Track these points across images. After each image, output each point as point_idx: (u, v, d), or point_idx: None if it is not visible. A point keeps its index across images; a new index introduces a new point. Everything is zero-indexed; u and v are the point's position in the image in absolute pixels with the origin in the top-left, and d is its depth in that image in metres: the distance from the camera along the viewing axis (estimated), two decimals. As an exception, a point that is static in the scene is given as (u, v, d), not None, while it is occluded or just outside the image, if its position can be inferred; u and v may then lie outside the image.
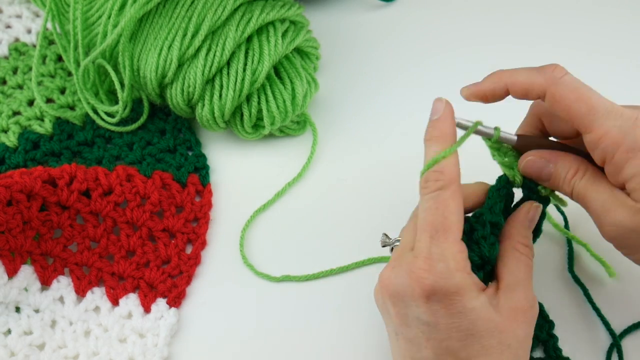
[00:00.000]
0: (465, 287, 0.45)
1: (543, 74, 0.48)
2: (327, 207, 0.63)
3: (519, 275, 0.48)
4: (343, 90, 0.69)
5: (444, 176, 0.46)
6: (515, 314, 0.46)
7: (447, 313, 0.45)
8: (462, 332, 0.45)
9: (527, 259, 0.49)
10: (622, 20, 0.73)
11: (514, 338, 0.46)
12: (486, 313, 0.45)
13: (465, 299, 0.45)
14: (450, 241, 0.45)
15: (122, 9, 0.61)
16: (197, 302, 0.58)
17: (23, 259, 0.58)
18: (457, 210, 0.46)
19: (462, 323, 0.45)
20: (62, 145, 0.64)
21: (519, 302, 0.47)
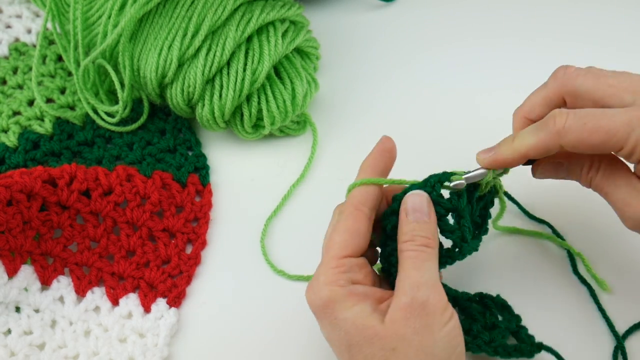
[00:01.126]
0: (334, 299, 0.46)
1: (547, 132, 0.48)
2: (327, 207, 0.63)
3: (401, 273, 0.47)
4: (343, 90, 0.69)
5: (347, 203, 0.50)
6: (397, 314, 0.45)
7: (328, 326, 0.47)
8: (343, 343, 0.46)
9: (410, 253, 0.47)
10: (623, 11, 0.73)
11: (399, 340, 0.45)
12: (361, 322, 0.45)
13: (336, 310, 0.46)
14: (328, 258, 0.48)
15: (122, 9, 0.61)
16: (197, 302, 0.58)
17: (23, 259, 0.58)
18: (344, 229, 0.48)
19: (339, 334, 0.46)
20: (62, 145, 0.64)
21: (401, 299, 0.45)
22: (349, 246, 0.48)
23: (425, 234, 0.47)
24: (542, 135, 0.48)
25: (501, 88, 0.69)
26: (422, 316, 0.45)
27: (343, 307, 0.46)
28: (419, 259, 0.46)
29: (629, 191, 0.47)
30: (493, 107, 0.67)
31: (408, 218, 0.48)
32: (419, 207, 0.48)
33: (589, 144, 0.46)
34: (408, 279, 0.46)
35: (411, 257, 0.47)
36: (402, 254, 0.47)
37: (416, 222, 0.48)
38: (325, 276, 0.47)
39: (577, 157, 0.49)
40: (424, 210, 0.48)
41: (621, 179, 0.48)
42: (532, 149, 0.48)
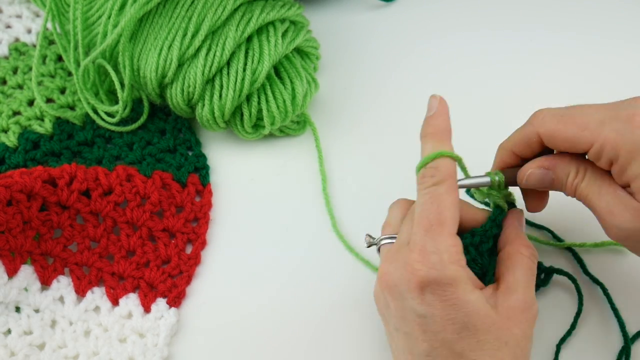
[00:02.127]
0: (458, 279, 0.45)
1: (529, 124, 0.50)
2: (327, 210, 0.63)
3: (520, 277, 0.48)
4: (343, 90, 0.69)
5: (440, 172, 0.47)
6: (513, 313, 0.46)
7: (441, 305, 0.45)
8: (457, 324, 0.45)
9: (529, 261, 0.49)
10: (621, 14, 0.73)
11: (512, 336, 0.46)
12: (482, 308, 0.46)
13: (459, 290, 0.45)
14: (444, 234, 0.46)
15: (122, 9, 0.61)
16: (197, 302, 0.58)
17: (23, 259, 0.58)
18: (452, 206, 0.47)
19: (456, 315, 0.45)
20: (62, 145, 0.64)
21: (517, 301, 0.47)
22: (457, 223, 0.47)
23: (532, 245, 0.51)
24: (523, 128, 0.50)
25: (501, 87, 0.69)
26: (531, 326, 0.47)
27: (466, 290, 0.45)
28: (532, 270, 0.49)
29: (613, 200, 0.47)
30: (494, 106, 0.67)
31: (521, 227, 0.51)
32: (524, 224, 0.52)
33: (563, 137, 0.48)
34: (528, 286, 0.48)
35: (530, 266, 0.49)
36: (521, 257, 0.49)
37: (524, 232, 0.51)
38: (449, 254, 0.46)
39: (564, 164, 0.50)
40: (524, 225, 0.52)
41: (606, 187, 0.48)
42: (516, 143, 0.51)
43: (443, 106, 0.49)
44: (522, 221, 0.52)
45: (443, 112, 0.49)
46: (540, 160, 0.50)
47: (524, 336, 0.47)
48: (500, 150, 0.53)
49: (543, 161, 0.50)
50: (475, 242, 0.50)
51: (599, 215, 0.48)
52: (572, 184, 0.49)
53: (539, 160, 0.50)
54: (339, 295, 0.58)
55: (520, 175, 0.51)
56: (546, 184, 0.50)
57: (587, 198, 0.49)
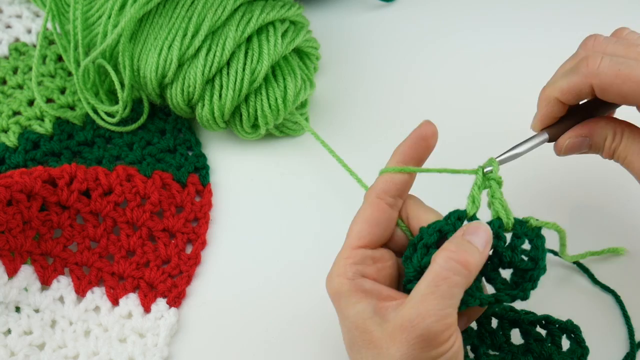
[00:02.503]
0: (340, 292, 0.45)
1: (581, 72, 0.48)
2: (328, 208, 0.63)
3: (421, 287, 0.43)
4: (343, 90, 0.69)
5: (368, 191, 0.49)
6: (397, 331, 0.42)
7: (338, 317, 0.47)
8: (347, 337, 0.46)
9: (439, 269, 0.43)
10: (623, 9, 0.74)
11: (388, 357, 0.42)
12: (362, 324, 0.44)
13: (341, 304, 0.45)
14: (344, 248, 0.47)
15: (122, 9, 0.61)
16: (197, 302, 0.58)
17: (23, 259, 0.58)
18: (361, 219, 0.47)
19: (344, 329, 0.46)
20: (62, 145, 0.64)
21: (405, 316, 0.42)
22: (365, 236, 0.47)
23: (470, 260, 0.43)
24: (574, 78, 0.48)
25: (502, 87, 0.69)
26: (417, 347, 0.42)
27: (348, 303, 0.45)
28: (446, 282, 0.42)
29: None
30: (494, 106, 0.67)
31: (464, 236, 0.44)
32: (481, 234, 0.45)
33: (618, 91, 0.46)
34: (423, 301, 0.42)
35: (440, 275, 0.42)
36: (433, 265, 0.43)
37: (469, 242, 0.44)
38: (337, 267, 0.46)
39: (600, 129, 0.49)
40: (482, 240, 0.45)
41: None
42: (564, 92, 0.49)
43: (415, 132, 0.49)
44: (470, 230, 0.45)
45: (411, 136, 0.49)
46: (576, 130, 0.50)
47: (400, 356, 0.42)
48: (544, 99, 0.50)
49: (580, 130, 0.50)
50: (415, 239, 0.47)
51: (637, 174, 0.48)
52: (610, 147, 0.49)
53: (575, 130, 0.50)
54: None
55: (558, 147, 0.51)
56: (584, 149, 0.51)
57: (625, 159, 0.49)
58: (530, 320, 0.50)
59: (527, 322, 0.51)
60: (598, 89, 0.47)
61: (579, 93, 0.48)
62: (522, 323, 0.51)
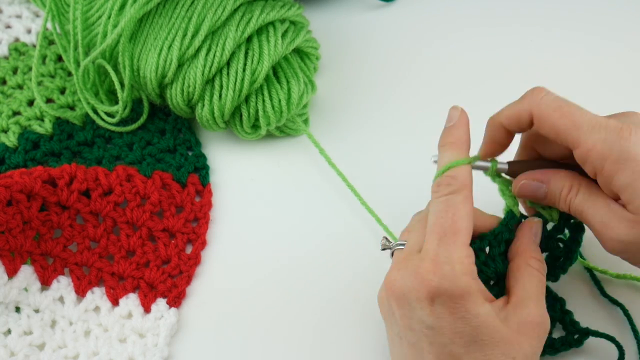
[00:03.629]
0: (470, 292, 0.45)
1: (525, 100, 0.49)
2: (328, 208, 0.63)
3: (530, 290, 0.48)
4: (343, 90, 0.69)
5: (456, 181, 0.47)
6: (523, 328, 0.46)
7: (451, 317, 0.45)
8: (465, 337, 0.45)
9: (539, 274, 0.49)
10: (620, 21, 0.73)
11: (520, 352, 0.45)
12: (491, 322, 0.45)
13: (469, 303, 0.45)
14: (458, 245, 0.46)
15: (122, 9, 0.61)
16: (197, 302, 0.58)
17: (23, 259, 0.58)
18: (467, 216, 0.47)
19: (465, 328, 0.45)
20: (62, 145, 0.64)
21: (529, 316, 0.46)
22: (471, 233, 0.47)
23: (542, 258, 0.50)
24: (517, 105, 0.49)
25: (503, 87, 0.68)
26: (541, 340, 0.47)
27: (477, 302, 0.45)
28: (541, 280, 0.49)
29: (607, 213, 0.47)
30: (496, 106, 0.67)
31: (535, 238, 0.51)
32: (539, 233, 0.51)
33: (552, 125, 0.47)
34: (539, 300, 0.48)
35: (541, 280, 0.49)
36: (532, 271, 0.49)
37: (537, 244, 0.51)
38: (462, 265, 0.45)
39: (558, 179, 0.49)
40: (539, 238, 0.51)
41: (600, 201, 0.47)
42: (506, 117, 0.50)
43: (464, 118, 0.50)
44: (537, 231, 0.51)
45: (463, 123, 0.50)
46: (534, 173, 0.50)
47: (533, 352, 0.46)
48: (490, 124, 0.52)
49: (537, 174, 0.50)
50: (484, 246, 0.50)
51: (595, 229, 0.48)
52: (566, 199, 0.49)
53: (533, 173, 0.50)
54: (340, 295, 0.58)
55: (513, 185, 0.51)
56: (539, 196, 0.50)
57: (582, 213, 0.48)
58: None
59: None
60: (536, 119, 0.48)
61: (519, 120, 0.49)
62: None
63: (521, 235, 0.51)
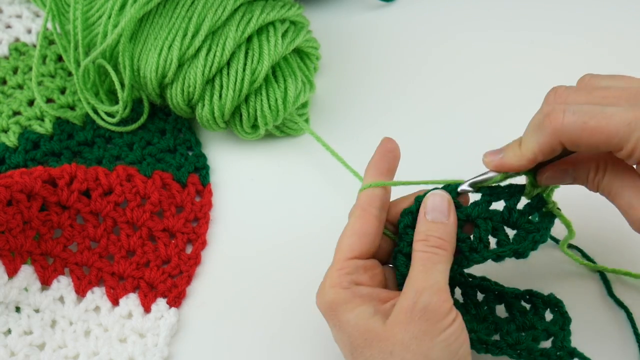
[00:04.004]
0: (337, 301, 0.47)
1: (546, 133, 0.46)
2: (328, 208, 0.63)
3: (410, 274, 0.47)
4: (343, 90, 0.69)
5: (354, 206, 0.50)
6: (398, 316, 0.45)
7: (333, 328, 0.48)
8: (347, 345, 0.47)
9: (423, 255, 0.47)
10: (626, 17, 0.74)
11: (396, 344, 0.45)
12: (363, 324, 0.46)
13: (339, 312, 0.47)
14: (335, 261, 0.49)
15: (122, 9, 0.61)
16: (197, 302, 0.58)
17: (23, 259, 0.58)
18: (351, 233, 0.49)
19: (343, 336, 0.47)
20: (62, 145, 0.64)
21: (403, 303, 0.45)
22: (356, 249, 0.48)
23: (440, 235, 0.47)
24: (542, 137, 0.47)
25: (504, 87, 0.69)
26: (422, 321, 0.45)
27: (346, 309, 0.46)
28: (429, 261, 0.46)
29: (635, 194, 0.47)
30: (496, 107, 0.67)
31: (426, 217, 0.48)
32: (439, 206, 0.48)
33: (588, 144, 0.45)
34: (413, 282, 0.46)
35: (421, 258, 0.47)
36: (414, 254, 0.47)
37: (433, 221, 0.48)
38: (331, 279, 0.48)
39: (583, 162, 0.49)
40: (443, 211, 0.48)
41: (627, 181, 0.47)
42: (538, 153, 0.47)
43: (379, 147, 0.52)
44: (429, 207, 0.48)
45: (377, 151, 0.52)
46: (557, 163, 0.50)
47: (411, 337, 0.45)
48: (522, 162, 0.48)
49: (560, 164, 0.50)
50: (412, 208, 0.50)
51: (622, 209, 0.48)
52: (594, 181, 0.49)
53: (556, 164, 0.50)
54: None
55: (540, 177, 0.50)
56: (567, 181, 0.50)
57: (610, 193, 0.48)
58: (515, 293, 0.53)
59: (512, 295, 0.53)
60: (569, 144, 0.46)
61: (552, 151, 0.47)
62: (507, 296, 0.53)
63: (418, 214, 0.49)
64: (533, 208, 0.50)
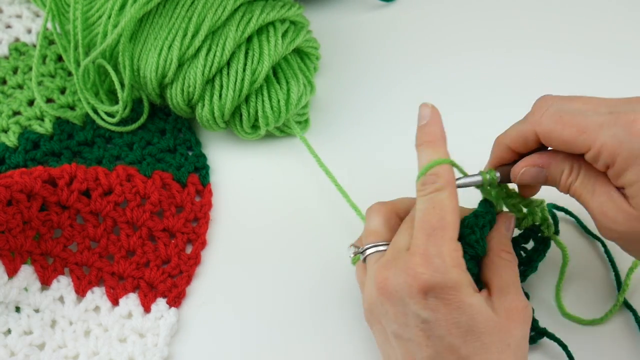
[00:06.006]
0: (462, 283, 0.46)
1: (528, 121, 0.50)
2: (328, 208, 0.63)
3: (508, 279, 0.49)
4: (343, 90, 0.69)
5: (440, 179, 0.48)
6: (511, 314, 0.47)
7: (445, 309, 0.45)
8: (462, 328, 0.45)
9: (512, 264, 0.50)
10: (620, 19, 0.73)
11: (513, 338, 0.47)
12: (484, 310, 0.46)
13: (462, 294, 0.45)
14: (447, 239, 0.46)
15: (122, 9, 0.61)
16: (197, 302, 0.58)
17: (23, 258, 0.58)
18: (453, 211, 0.47)
19: (461, 319, 0.45)
20: (62, 145, 0.64)
21: (513, 302, 0.48)
22: (458, 228, 0.47)
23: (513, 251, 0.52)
24: (521, 126, 0.50)
25: (504, 87, 0.69)
26: (527, 322, 0.48)
27: (469, 293, 0.46)
28: (515, 270, 0.50)
29: (606, 201, 0.47)
30: (496, 107, 0.67)
31: (507, 233, 0.52)
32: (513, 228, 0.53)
33: (559, 138, 0.47)
34: (518, 288, 0.49)
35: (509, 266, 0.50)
36: (499, 260, 0.50)
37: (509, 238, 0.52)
38: (452, 258, 0.46)
39: (557, 162, 0.50)
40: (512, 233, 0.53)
41: (599, 187, 0.47)
42: (512, 139, 0.50)
43: (435, 114, 0.50)
44: (510, 226, 0.52)
45: (436, 119, 0.50)
46: (533, 158, 0.50)
47: (523, 336, 0.48)
48: (497, 145, 0.52)
49: (536, 159, 0.50)
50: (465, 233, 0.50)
51: (592, 213, 0.48)
52: (566, 182, 0.49)
53: (532, 158, 0.50)
54: (341, 295, 0.58)
55: (514, 173, 0.51)
56: (540, 180, 0.51)
57: (580, 197, 0.49)
58: None
59: None
60: (541, 136, 0.49)
61: (525, 140, 0.50)
62: None
63: (495, 229, 0.52)
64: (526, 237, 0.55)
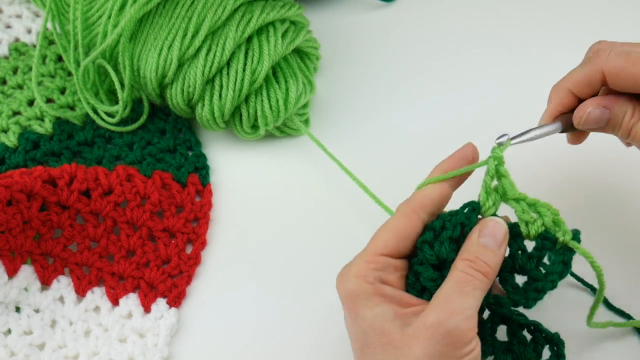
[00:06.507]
0: (358, 293, 0.45)
1: (593, 62, 0.48)
2: (328, 208, 0.63)
3: (444, 290, 0.45)
4: (343, 90, 0.69)
5: (405, 202, 0.48)
6: (417, 331, 0.43)
7: (348, 317, 0.46)
8: (359, 340, 0.45)
9: (460, 274, 0.45)
10: (620, 19, 0.73)
11: (411, 356, 0.43)
12: (380, 326, 0.44)
13: (358, 306, 0.45)
14: (364, 253, 0.47)
15: (122, 9, 0.61)
16: (197, 302, 0.58)
17: (23, 259, 0.58)
18: (392, 230, 0.47)
19: (357, 330, 0.45)
20: (62, 145, 0.64)
21: (429, 317, 0.43)
22: (390, 246, 0.47)
23: (487, 261, 0.45)
24: (585, 68, 0.49)
25: (504, 87, 0.69)
26: (443, 344, 0.43)
27: (365, 305, 0.45)
28: (469, 284, 0.44)
29: None
30: (496, 107, 0.67)
31: (479, 239, 0.46)
32: (495, 234, 0.46)
33: (628, 75, 0.46)
34: (445, 300, 0.44)
35: (461, 279, 0.45)
36: (454, 271, 0.45)
37: (484, 246, 0.46)
38: (357, 268, 0.46)
39: (620, 103, 0.49)
40: (497, 240, 0.46)
41: None
42: (575, 82, 0.49)
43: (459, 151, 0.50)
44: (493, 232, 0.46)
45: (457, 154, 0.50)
46: (598, 99, 0.49)
47: (428, 356, 0.43)
48: (557, 90, 0.50)
49: (601, 100, 0.49)
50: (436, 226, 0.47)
51: None
52: (628, 124, 0.49)
53: (597, 99, 0.49)
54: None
55: (578, 115, 0.50)
56: (602, 123, 0.49)
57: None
58: (520, 322, 0.49)
59: (517, 323, 0.49)
60: (609, 76, 0.47)
61: (590, 82, 0.49)
62: (512, 323, 0.50)
63: (468, 236, 0.47)
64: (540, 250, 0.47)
